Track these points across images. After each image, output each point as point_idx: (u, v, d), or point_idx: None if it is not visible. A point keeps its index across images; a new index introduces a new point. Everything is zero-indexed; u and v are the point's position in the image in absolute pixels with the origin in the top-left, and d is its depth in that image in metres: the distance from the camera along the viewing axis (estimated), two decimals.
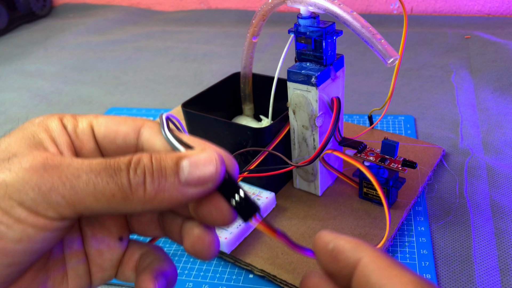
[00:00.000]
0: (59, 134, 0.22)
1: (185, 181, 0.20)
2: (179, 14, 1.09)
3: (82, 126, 0.23)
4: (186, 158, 0.20)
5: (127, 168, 0.19)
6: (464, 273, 0.32)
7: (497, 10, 0.87)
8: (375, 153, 0.36)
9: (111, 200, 0.19)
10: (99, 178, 0.19)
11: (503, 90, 0.55)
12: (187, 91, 0.66)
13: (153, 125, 0.23)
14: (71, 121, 0.23)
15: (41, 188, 0.18)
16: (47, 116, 0.23)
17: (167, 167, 0.20)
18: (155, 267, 0.23)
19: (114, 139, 0.23)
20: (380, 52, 0.31)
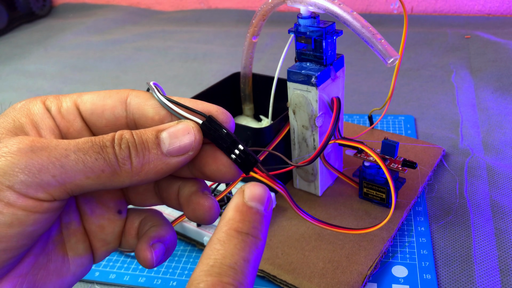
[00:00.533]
0: (41, 118, 0.22)
1: (167, 151, 0.21)
2: (179, 14, 1.09)
3: (66, 106, 0.23)
4: (165, 130, 0.21)
5: (112, 144, 0.20)
6: (464, 273, 0.32)
7: (497, 10, 0.87)
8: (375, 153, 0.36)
9: (101, 176, 0.19)
10: (87, 155, 0.19)
11: (503, 90, 0.55)
12: (187, 91, 0.66)
13: (138, 93, 0.23)
14: (54, 102, 0.23)
15: (31, 170, 0.18)
16: (29, 99, 0.23)
17: (148, 140, 0.20)
18: (152, 234, 0.24)
19: (102, 114, 0.23)
20: (380, 52, 0.30)
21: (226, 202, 0.36)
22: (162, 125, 0.21)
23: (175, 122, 0.21)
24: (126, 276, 0.34)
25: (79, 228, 0.23)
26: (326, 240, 0.35)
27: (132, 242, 0.24)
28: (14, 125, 0.21)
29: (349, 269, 0.32)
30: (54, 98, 0.23)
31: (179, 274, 0.34)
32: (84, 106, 0.23)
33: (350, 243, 0.34)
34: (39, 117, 0.22)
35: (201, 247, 0.36)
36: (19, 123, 0.21)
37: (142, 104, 0.23)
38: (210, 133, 0.22)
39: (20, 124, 0.21)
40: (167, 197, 0.24)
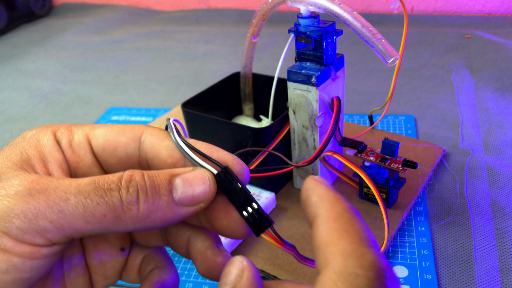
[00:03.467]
0: (50, 150, 0.21)
1: (178, 200, 0.19)
2: (178, 13, 1.08)
3: (77, 139, 0.22)
4: (179, 176, 0.20)
5: (117, 187, 0.18)
6: (464, 273, 0.32)
7: (497, 9, 0.87)
8: (376, 153, 0.36)
9: (102, 220, 0.18)
10: (88, 199, 0.18)
11: (503, 90, 0.55)
12: (187, 91, 0.66)
13: (153, 131, 0.22)
14: (65, 134, 0.22)
15: (27, 215, 0.17)
16: (40, 129, 0.22)
17: (161, 185, 0.19)
18: (154, 279, 0.22)
19: (114, 151, 0.22)
20: (381, 52, 0.30)
21: None
22: (177, 170, 0.20)
23: (190, 169, 0.20)
24: None
25: (81, 263, 0.22)
26: None
27: (133, 278, 0.24)
28: (21, 157, 0.20)
29: None
30: (65, 129, 0.22)
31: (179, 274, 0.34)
32: (96, 141, 0.22)
33: None
34: (48, 149, 0.21)
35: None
36: (27, 156, 0.20)
37: (156, 144, 0.21)
38: (224, 185, 0.20)
39: (28, 156, 0.20)
40: (174, 243, 0.23)
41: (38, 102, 0.68)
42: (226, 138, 0.39)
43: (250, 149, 0.36)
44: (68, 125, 0.22)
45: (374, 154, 0.36)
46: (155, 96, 0.66)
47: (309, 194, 0.19)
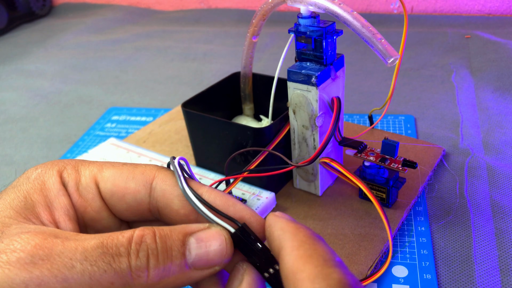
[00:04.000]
0: (56, 195, 0.20)
1: (192, 263, 0.18)
2: (179, 13, 1.08)
3: (85, 182, 0.21)
4: (193, 235, 0.18)
5: (127, 251, 0.17)
6: (464, 273, 0.32)
7: (497, 9, 0.87)
8: (375, 153, 0.36)
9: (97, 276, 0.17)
10: (95, 267, 0.17)
11: (503, 89, 0.55)
12: (187, 91, 0.66)
13: (165, 177, 0.21)
14: (72, 176, 0.21)
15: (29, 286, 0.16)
16: (45, 168, 0.21)
17: (173, 247, 0.18)
18: None
19: (123, 197, 0.21)
20: (380, 52, 0.30)
21: None
22: (191, 227, 0.19)
23: (206, 225, 0.19)
24: None
25: None
26: (326, 240, 0.34)
27: None
28: (26, 205, 0.19)
29: (349, 269, 0.32)
30: (72, 170, 0.21)
31: None
32: (104, 186, 0.21)
33: (350, 243, 0.34)
34: (54, 194, 0.20)
35: None
36: (31, 203, 0.19)
37: (168, 192, 0.20)
38: (241, 245, 0.18)
39: (32, 203, 0.19)
40: None
41: (38, 102, 0.68)
42: (226, 138, 0.39)
43: (250, 149, 0.36)
44: (75, 163, 0.21)
45: (374, 154, 0.36)
46: (155, 96, 0.66)
47: (272, 229, 0.18)
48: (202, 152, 0.43)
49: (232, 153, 0.36)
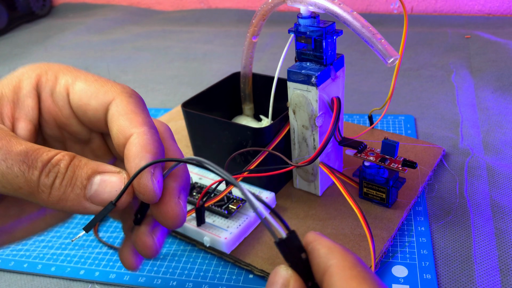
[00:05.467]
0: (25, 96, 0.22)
1: (89, 197, 0.20)
2: (179, 13, 1.09)
3: (59, 91, 0.23)
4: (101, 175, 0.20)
5: (42, 166, 0.19)
6: (464, 273, 0.32)
7: (497, 9, 0.87)
8: (375, 153, 0.36)
9: (17, 190, 0.19)
10: (10, 169, 0.19)
11: (503, 90, 0.55)
12: (187, 91, 0.66)
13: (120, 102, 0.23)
14: (49, 83, 0.23)
15: None
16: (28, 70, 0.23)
17: (78, 179, 0.20)
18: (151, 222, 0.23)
19: (85, 112, 0.23)
20: (380, 52, 0.30)
21: (226, 202, 0.36)
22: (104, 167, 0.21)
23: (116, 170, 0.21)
24: (126, 276, 0.34)
25: None
26: None
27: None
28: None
29: None
30: (52, 76, 0.23)
31: (179, 274, 0.34)
32: (72, 98, 0.23)
33: (350, 243, 0.34)
34: (23, 94, 0.22)
35: (201, 246, 0.36)
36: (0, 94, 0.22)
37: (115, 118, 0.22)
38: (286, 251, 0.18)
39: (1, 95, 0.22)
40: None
41: None
42: (226, 138, 0.39)
43: (250, 149, 0.36)
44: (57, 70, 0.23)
45: (374, 154, 0.36)
46: (156, 96, 0.66)
47: (316, 246, 0.19)
48: (202, 152, 0.43)
49: (232, 153, 0.36)
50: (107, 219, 0.41)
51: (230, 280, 0.33)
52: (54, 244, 0.38)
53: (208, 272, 0.34)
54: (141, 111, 0.23)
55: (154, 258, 0.24)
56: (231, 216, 0.36)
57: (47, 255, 0.37)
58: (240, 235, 0.35)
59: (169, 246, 0.37)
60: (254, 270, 0.33)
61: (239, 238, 0.35)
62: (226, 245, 0.34)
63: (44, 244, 0.38)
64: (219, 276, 0.34)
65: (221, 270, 0.34)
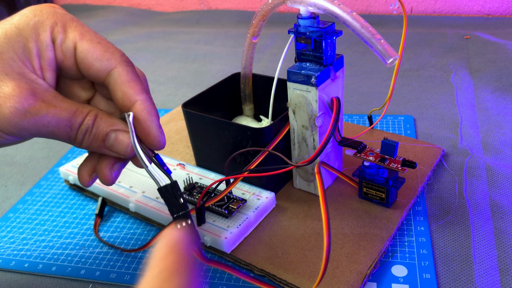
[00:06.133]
0: (45, 48, 0.27)
1: (107, 147, 0.28)
2: (179, 14, 1.09)
3: (67, 44, 0.28)
4: (115, 132, 0.28)
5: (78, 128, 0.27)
6: (463, 272, 0.32)
7: (496, 10, 0.87)
8: (375, 153, 0.36)
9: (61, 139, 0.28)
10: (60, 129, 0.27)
11: (502, 90, 0.56)
12: (187, 92, 0.66)
13: (122, 70, 0.28)
14: (60, 35, 0.27)
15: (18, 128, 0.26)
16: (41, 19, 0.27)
17: (99, 134, 0.28)
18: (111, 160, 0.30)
19: (88, 68, 0.28)
20: (380, 52, 0.31)
21: (226, 202, 0.36)
22: (118, 125, 0.28)
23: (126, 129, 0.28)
24: (127, 276, 0.34)
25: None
26: None
27: None
28: (23, 51, 0.26)
29: (349, 269, 0.32)
30: (61, 29, 0.27)
31: None
32: (78, 54, 0.28)
33: (350, 242, 0.34)
34: (44, 47, 0.27)
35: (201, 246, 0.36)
36: (28, 50, 0.26)
37: (118, 83, 0.28)
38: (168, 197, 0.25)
39: (28, 50, 0.26)
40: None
41: None
42: (226, 138, 0.39)
43: (250, 149, 0.37)
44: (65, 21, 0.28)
45: (373, 154, 0.36)
46: (156, 96, 0.67)
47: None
48: (203, 152, 0.43)
49: (232, 153, 0.36)
50: (107, 219, 0.41)
51: (230, 280, 0.33)
52: (55, 244, 0.39)
53: (208, 272, 0.34)
54: (138, 79, 0.29)
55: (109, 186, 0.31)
56: (231, 216, 0.36)
57: (48, 254, 0.37)
58: (240, 235, 0.35)
59: None
60: (254, 269, 0.33)
61: (239, 237, 0.35)
62: (226, 245, 0.34)
63: (45, 244, 0.39)
64: (219, 276, 0.34)
65: (221, 270, 0.34)
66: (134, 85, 0.28)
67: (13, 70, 0.26)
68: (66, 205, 0.43)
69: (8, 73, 0.26)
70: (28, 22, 0.27)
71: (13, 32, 0.27)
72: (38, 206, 0.44)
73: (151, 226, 0.39)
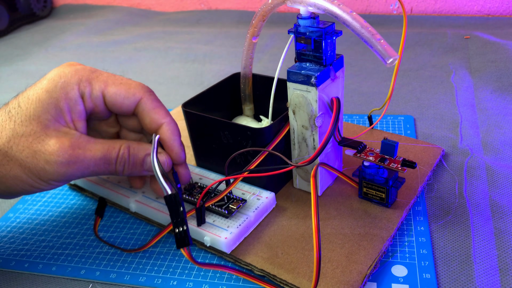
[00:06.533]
0: (75, 104, 0.32)
1: (146, 169, 0.34)
2: (179, 14, 1.09)
3: (95, 94, 0.33)
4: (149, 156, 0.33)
5: (115, 162, 0.33)
6: (463, 272, 0.32)
7: (496, 10, 0.87)
8: (375, 153, 0.36)
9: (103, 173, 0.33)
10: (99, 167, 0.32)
11: (502, 90, 0.56)
12: (187, 92, 0.66)
13: (146, 100, 0.34)
14: (87, 89, 0.32)
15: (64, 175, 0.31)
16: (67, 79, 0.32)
17: (137, 161, 0.33)
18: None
19: (120, 108, 0.34)
20: (380, 52, 0.31)
21: (226, 202, 0.36)
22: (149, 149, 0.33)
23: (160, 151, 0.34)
24: (127, 276, 0.34)
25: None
26: (325, 240, 0.35)
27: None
28: (56, 110, 0.31)
29: (349, 269, 0.32)
30: (86, 83, 0.32)
31: (179, 274, 0.34)
32: (108, 99, 0.33)
33: (350, 242, 0.34)
34: (73, 102, 0.32)
35: (201, 246, 0.36)
36: (60, 108, 0.31)
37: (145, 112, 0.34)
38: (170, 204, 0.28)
39: (60, 109, 0.31)
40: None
41: None
42: (226, 138, 0.39)
43: (250, 149, 0.37)
44: (88, 76, 0.32)
45: (373, 154, 0.36)
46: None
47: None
48: (203, 152, 0.43)
49: (232, 153, 0.36)
50: (107, 219, 0.41)
51: (230, 280, 0.33)
52: (55, 244, 0.39)
53: (208, 272, 0.34)
54: (161, 105, 0.34)
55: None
56: (231, 216, 0.36)
57: (48, 255, 0.37)
58: (240, 235, 0.35)
59: (169, 245, 0.37)
60: (254, 269, 0.33)
61: (239, 238, 0.35)
62: (226, 245, 0.34)
63: (45, 244, 0.39)
64: (219, 276, 0.34)
65: (221, 270, 0.34)
66: (158, 111, 0.34)
67: (51, 129, 0.31)
68: (66, 205, 0.43)
69: (48, 133, 0.31)
70: (55, 85, 0.32)
71: (44, 96, 0.31)
72: (38, 206, 0.44)
73: (151, 226, 0.39)
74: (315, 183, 0.32)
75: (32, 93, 0.32)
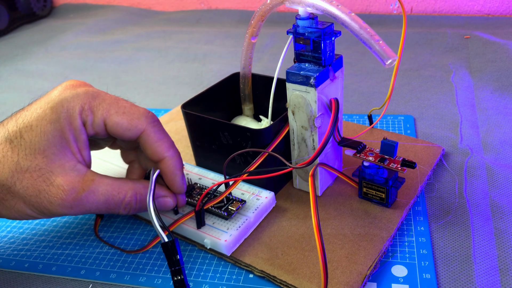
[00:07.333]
0: (79, 133, 0.31)
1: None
2: (179, 14, 1.09)
3: (97, 122, 0.32)
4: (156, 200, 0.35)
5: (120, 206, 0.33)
6: (463, 273, 0.32)
7: (496, 10, 0.87)
8: (375, 153, 0.36)
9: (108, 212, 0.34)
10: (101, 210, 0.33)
11: (502, 90, 0.56)
12: (187, 91, 0.66)
13: (149, 132, 0.33)
14: (89, 117, 0.32)
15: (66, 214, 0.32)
16: (69, 108, 0.31)
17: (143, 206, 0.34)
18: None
19: (121, 137, 0.33)
20: (378, 53, 0.31)
21: (226, 204, 0.36)
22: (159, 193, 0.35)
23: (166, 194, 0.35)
24: (127, 276, 0.35)
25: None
26: (325, 240, 0.35)
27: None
28: (61, 142, 0.31)
29: (349, 269, 0.32)
30: (89, 111, 0.32)
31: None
32: (109, 128, 0.32)
33: (350, 243, 0.34)
34: (78, 132, 0.31)
35: (201, 248, 0.36)
36: (65, 140, 0.31)
37: (148, 144, 0.33)
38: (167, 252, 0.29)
39: (66, 140, 0.31)
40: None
41: None
42: (226, 139, 0.39)
43: (249, 149, 0.37)
44: (89, 104, 0.32)
45: (373, 154, 0.36)
46: (156, 96, 0.67)
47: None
48: (202, 153, 0.43)
49: (232, 153, 0.36)
50: (107, 219, 0.41)
51: (230, 280, 0.33)
52: (55, 244, 0.39)
53: (208, 272, 0.34)
54: (165, 137, 0.34)
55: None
56: (231, 217, 0.36)
57: (48, 255, 0.37)
58: (240, 237, 0.35)
59: None
60: (254, 270, 0.33)
61: (239, 239, 0.35)
62: (226, 247, 0.34)
63: (45, 244, 0.39)
64: (219, 276, 0.34)
65: (221, 270, 0.34)
66: (161, 144, 0.33)
67: (56, 165, 0.30)
68: None
69: (53, 170, 0.30)
70: (59, 116, 0.31)
71: (49, 129, 0.30)
72: None
73: (151, 227, 0.39)
74: (313, 182, 0.32)
75: (35, 123, 0.30)
